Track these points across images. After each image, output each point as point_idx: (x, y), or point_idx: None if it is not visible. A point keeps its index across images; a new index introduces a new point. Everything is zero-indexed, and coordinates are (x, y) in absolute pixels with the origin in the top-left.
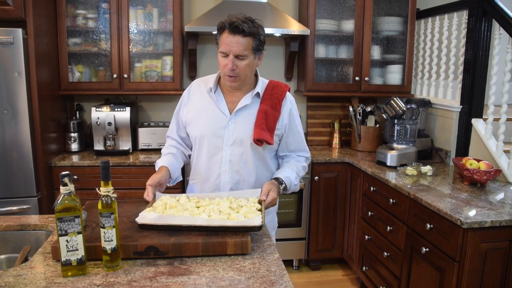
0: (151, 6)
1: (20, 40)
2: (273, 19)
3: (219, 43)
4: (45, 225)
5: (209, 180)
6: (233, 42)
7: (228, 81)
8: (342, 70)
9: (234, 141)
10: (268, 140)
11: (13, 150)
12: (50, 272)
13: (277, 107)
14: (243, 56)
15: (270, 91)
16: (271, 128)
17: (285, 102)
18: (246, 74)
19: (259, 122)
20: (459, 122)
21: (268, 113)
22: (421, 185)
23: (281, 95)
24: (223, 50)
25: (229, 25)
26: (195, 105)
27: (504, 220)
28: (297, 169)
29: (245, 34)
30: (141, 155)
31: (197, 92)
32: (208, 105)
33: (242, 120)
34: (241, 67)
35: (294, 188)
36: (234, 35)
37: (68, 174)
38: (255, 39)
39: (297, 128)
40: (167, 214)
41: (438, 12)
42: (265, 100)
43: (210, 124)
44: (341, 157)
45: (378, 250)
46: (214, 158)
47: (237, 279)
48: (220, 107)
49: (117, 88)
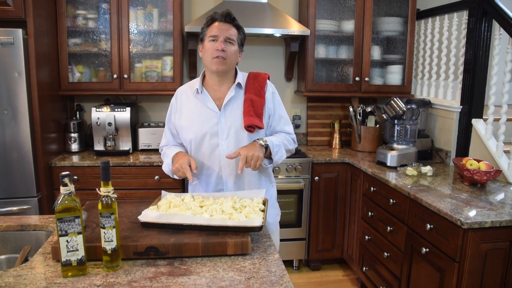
0: (151, 6)
1: (20, 40)
2: (273, 19)
3: (207, 33)
4: (45, 225)
5: (211, 177)
6: (224, 28)
7: (215, 63)
8: (342, 71)
9: (228, 134)
10: (258, 125)
11: (13, 151)
12: (50, 273)
13: (261, 93)
14: (232, 41)
15: (251, 81)
16: (259, 113)
17: (267, 88)
18: (232, 60)
19: (246, 110)
20: (459, 123)
21: (253, 100)
22: (421, 185)
23: (262, 82)
24: (214, 33)
25: (221, 15)
26: (185, 109)
27: (504, 220)
28: (281, 137)
29: (234, 24)
30: (141, 155)
31: (184, 97)
32: (197, 107)
33: (231, 112)
34: (229, 51)
35: (277, 151)
36: (226, 22)
37: (68, 174)
38: (240, 32)
39: (281, 110)
40: (169, 213)
41: (438, 12)
42: (248, 89)
43: (203, 124)
44: (341, 157)
45: (378, 250)
46: (212, 155)
47: (237, 279)
48: (208, 106)
49: (117, 88)
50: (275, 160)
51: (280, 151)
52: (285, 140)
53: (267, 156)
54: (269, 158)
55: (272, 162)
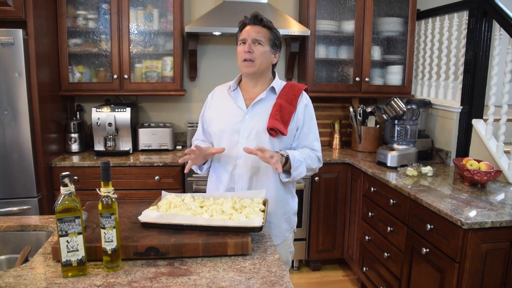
0: (151, 7)
1: (21, 41)
2: (274, 20)
3: (239, 37)
4: (46, 225)
5: (224, 174)
6: (251, 30)
7: (244, 66)
8: (342, 71)
9: (250, 133)
10: (281, 130)
11: (13, 151)
12: (51, 273)
13: (293, 102)
14: (260, 41)
15: (287, 89)
16: (286, 120)
17: (301, 98)
18: (262, 61)
19: (273, 114)
20: (460, 123)
21: (283, 106)
22: (421, 185)
23: (297, 92)
24: (242, 37)
25: (249, 18)
26: (216, 105)
27: (505, 220)
28: (305, 154)
29: (264, 25)
30: (141, 155)
31: (219, 94)
32: (227, 103)
33: (258, 113)
34: (257, 52)
35: (297, 167)
36: (254, 25)
37: (69, 174)
38: (272, 32)
39: (311, 124)
40: (170, 213)
41: (439, 12)
42: (282, 95)
43: (227, 119)
44: (342, 157)
45: (378, 251)
46: (231, 152)
47: (238, 279)
48: (238, 103)
49: (118, 88)
50: (293, 175)
51: (301, 167)
52: (309, 158)
53: (286, 170)
54: (288, 172)
55: (290, 177)
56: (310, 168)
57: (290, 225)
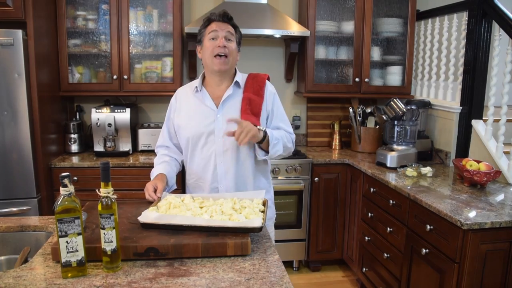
0: (151, 7)
1: (20, 41)
2: (273, 20)
3: (205, 33)
4: (45, 226)
5: (206, 175)
6: (222, 26)
7: (218, 63)
8: (342, 71)
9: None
10: (255, 123)
11: (13, 151)
12: (50, 273)
13: (260, 93)
14: (230, 38)
15: (251, 81)
16: (257, 112)
17: (266, 88)
18: (233, 58)
19: (244, 108)
20: (459, 123)
21: (251, 99)
22: (421, 186)
23: (261, 82)
24: (212, 33)
25: (218, 15)
26: (183, 108)
27: (504, 221)
28: (282, 134)
29: (232, 23)
30: (141, 156)
31: (183, 96)
32: (196, 105)
33: (228, 110)
34: (230, 48)
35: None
36: (224, 22)
37: (68, 175)
38: (237, 31)
39: (280, 111)
40: (169, 214)
41: (438, 13)
42: (247, 88)
43: (200, 122)
44: (341, 158)
45: (378, 251)
46: (208, 153)
47: (237, 280)
48: (206, 104)
49: (117, 89)
50: (271, 153)
51: (278, 146)
52: (285, 138)
53: (264, 148)
54: (265, 151)
55: (268, 155)
56: (286, 147)
57: (272, 214)
